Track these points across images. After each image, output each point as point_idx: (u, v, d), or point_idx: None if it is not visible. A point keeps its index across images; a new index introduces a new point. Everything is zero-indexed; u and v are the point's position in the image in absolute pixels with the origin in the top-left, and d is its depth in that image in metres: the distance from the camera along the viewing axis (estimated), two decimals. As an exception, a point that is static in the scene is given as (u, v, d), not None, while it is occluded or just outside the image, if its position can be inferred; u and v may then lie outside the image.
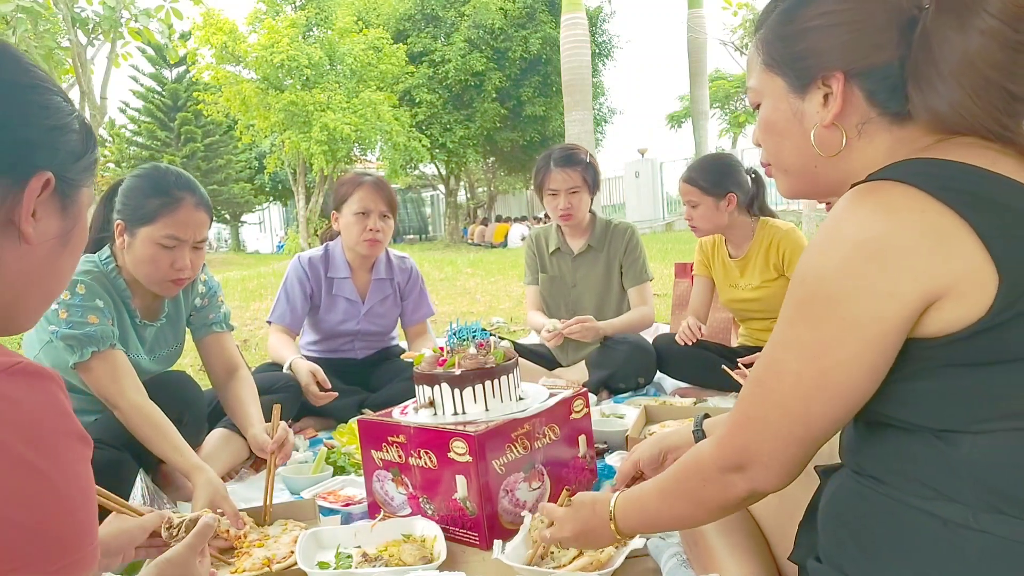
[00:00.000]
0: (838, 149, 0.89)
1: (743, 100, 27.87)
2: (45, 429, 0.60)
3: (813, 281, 0.80)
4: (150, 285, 1.94)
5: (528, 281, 3.28)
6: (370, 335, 2.89)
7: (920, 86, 0.82)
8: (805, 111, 0.91)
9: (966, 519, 0.75)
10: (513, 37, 19.56)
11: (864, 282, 0.76)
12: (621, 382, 2.82)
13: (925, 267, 0.74)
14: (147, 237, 1.86)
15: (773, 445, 0.86)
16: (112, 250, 1.97)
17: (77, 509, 0.61)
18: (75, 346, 1.80)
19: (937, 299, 0.74)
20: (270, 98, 16.70)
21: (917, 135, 0.85)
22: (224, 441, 2.16)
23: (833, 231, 0.79)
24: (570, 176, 2.93)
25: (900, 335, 0.77)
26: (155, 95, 26.26)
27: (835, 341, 0.78)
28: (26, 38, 7.56)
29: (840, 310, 0.77)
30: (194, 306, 2.18)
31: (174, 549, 1.06)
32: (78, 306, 1.83)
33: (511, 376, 1.71)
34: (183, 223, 1.87)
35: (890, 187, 0.78)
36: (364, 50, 17.70)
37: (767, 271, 2.73)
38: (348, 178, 2.80)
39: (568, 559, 1.38)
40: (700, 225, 2.77)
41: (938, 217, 0.74)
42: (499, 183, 25.70)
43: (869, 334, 0.77)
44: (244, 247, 31.41)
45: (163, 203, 1.86)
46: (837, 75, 0.86)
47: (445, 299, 7.24)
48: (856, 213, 0.78)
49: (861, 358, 0.78)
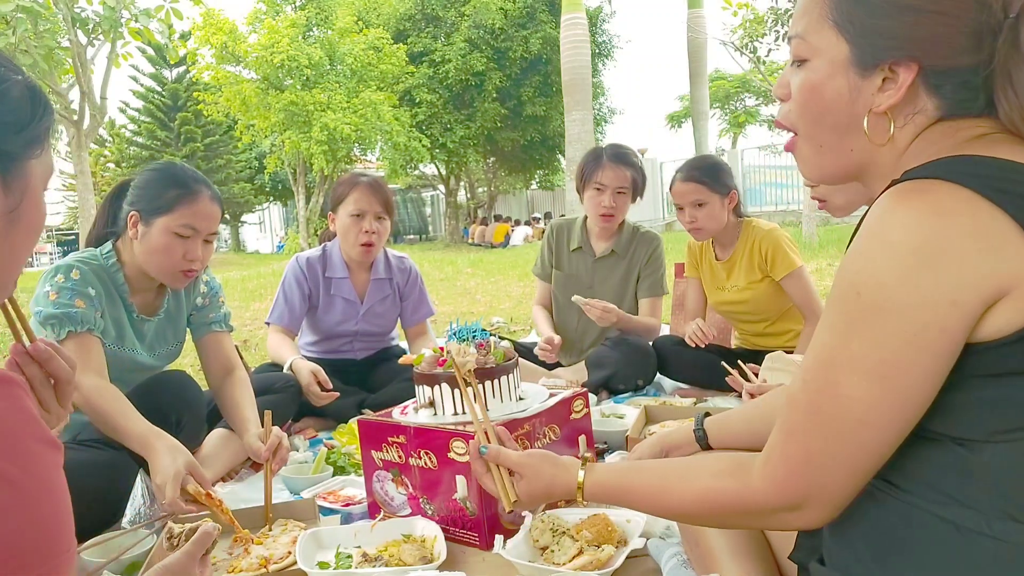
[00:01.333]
0: (885, 138, 0.83)
1: (743, 100, 27.88)
2: (14, 437, 0.57)
3: (869, 293, 0.73)
4: (160, 275, 1.97)
5: (536, 272, 3.22)
6: (369, 335, 2.88)
7: (1016, 90, 0.77)
8: (862, 90, 0.82)
9: (980, 526, 0.74)
10: (513, 37, 19.56)
11: (926, 291, 0.70)
12: (621, 383, 2.81)
13: (982, 270, 0.70)
14: (164, 226, 1.91)
15: (842, 482, 0.79)
16: (115, 246, 1.99)
17: (51, 517, 0.59)
18: (55, 325, 1.82)
19: (993, 303, 0.71)
20: (270, 98, 16.71)
21: (957, 129, 0.81)
22: (224, 441, 2.16)
23: (881, 236, 0.73)
24: (622, 175, 2.86)
25: (961, 344, 0.72)
26: (155, 95, 26.30)
27: (905, 358, 0.72)
28: (26, 38, 7.56)
29: (904, 323, 0.71)
30: (195, 305, 2.19)
31: (173, 556, 1.05)
32: (69, 289, 1.86)
33: (511, 376, 1.70)
34: (200, 214, 1.94)
35: (937, 187, 0.73)
36: (364, 50, 17.71)
37: (752, 272, 2.71)
38: (345, 178, 2.80)
39: (568, 558, 1.38)
40: (706, 226, 2.66)
41: (990, 219, 0.70)
42: (499, 183, 25.69)
43: (939, 347, 0.71)
44: (244, 247, 31.44)
45: (181, 194, 1.92)
46: (911, 65, 0.79)
47: (445, 299, 7.24)
48: (905, 216, 0.73)
49: (932, 373, 0.72)
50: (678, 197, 2.69)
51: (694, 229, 2.70)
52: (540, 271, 3.21)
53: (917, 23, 0.78)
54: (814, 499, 0.81)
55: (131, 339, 2.03)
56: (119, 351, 1.98)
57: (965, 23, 0.77)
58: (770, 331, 2.81)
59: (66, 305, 1.84)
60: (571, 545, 1.41)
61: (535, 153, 21.81)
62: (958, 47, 0.78)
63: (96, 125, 9.75)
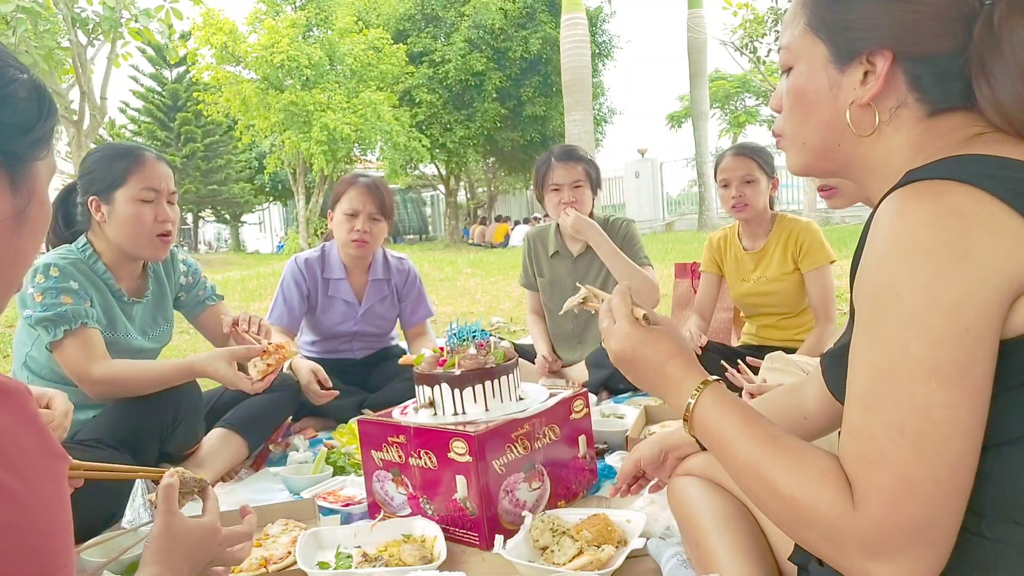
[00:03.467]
0: (871, 129, 0.84)
1: (743, 100, 27.89)
2: (17, 449, 0.57)
3: (913, 293, 0.70)
4: (138, 248, 2.02)
5: (523, 283, 3.27)
6: (368, 336, 2.88)
7: (988, 80, 0.78)
8: (842, 85, 0.85)
9: (979, 528, 0.74)
10: (513, 37, 19.55)
11: (968, 288, 0.69)
12: (621, 382, 2.81)
13: (1007, 269, 0.69)
14: (126, 197, 1.97)
15: (952, 511, 0.70)
16: (87, 238, 2.04)
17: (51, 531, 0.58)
18: (49, 327, 1.87)
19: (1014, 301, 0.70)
20: (270, 98, 16.70)
21: (952, 127, 0.82)
22: (223, 441, 2.16)
23: (908, 236, 0.71)
24: (573, 170, 2.89)
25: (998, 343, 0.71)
26: (155, 95, 26.30)
27: (968, 357, 0.69)
28: (26, 38, 7.56)
29: (955, 320, 0.68)
30: (180, 285, 2.27)
31: (153, 526, 1.05)
32: (52, 288, 1.90)
33: (511, 376, 1.71)
34: (154, 175, 2.00)
35: (951, 188, 0.72)
36: (364, 50, 17.70)
37: (785, 263, 2.71)
38: (346, 177, 2.82)
39: (567, 558, 1.38)
40: (753, 202, 2.67)
41: (1006, 218, 0.70)
42: (499, 183, 25.69)
43: (990, 344, 0.69)
44: (244, 247, 31.41)
45: (128, 162, 1.98)
46: (886, 54, 0.81)
47: (445, 299, 7.24)
48: (927, 216, 0.71)
49: (991, 373, 0.70)
50: (727, 172, 2.71)
51: (739, 206, 2.70)
52: (525, 282, 3.26)
53: (885, 11, 0.81)
54: (922, 539, 0.69)
55: (123, 324, 2.06)
56: (113, 337, 2.01)
57: (934, 9, 0.79)
58: (783, 324, 2.82)
59: (54, 305, 1.87)
60: (571, 545, 1.41)
61: (535, 153, 21.73)
62: (930, 33, 0.80)
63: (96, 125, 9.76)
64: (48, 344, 1.88)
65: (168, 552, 1.03)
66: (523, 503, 1.64)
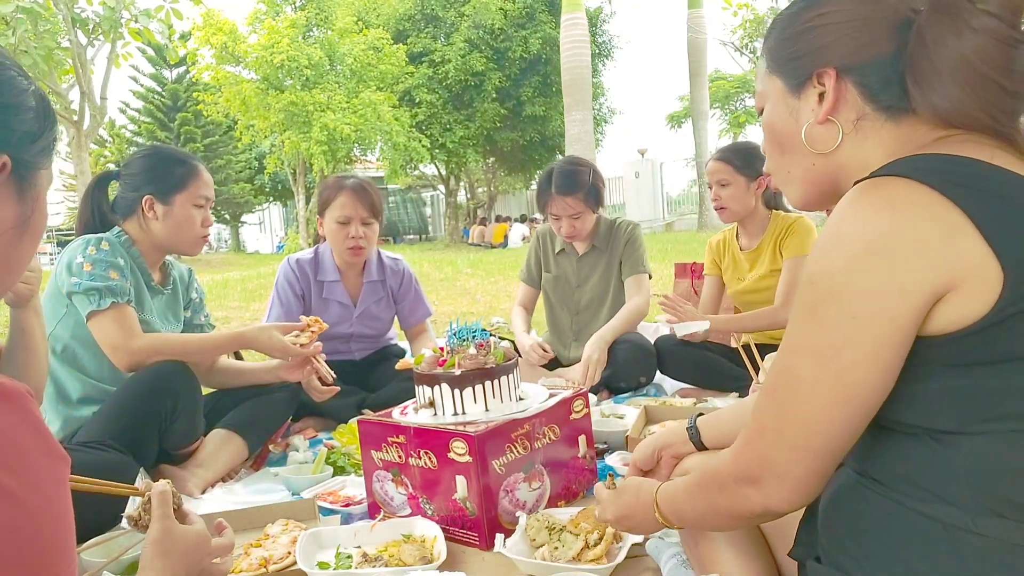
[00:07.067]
0: (832, 145, 0.90)
1: (743, 100, 27.87)
2: (18, 451, 0.57)
3: (821, 282, 0.79)
4: (185, 246, 2.19)
5: (523, 278, 3.28)
6: (365, 337, 2.88)
7: (919, 83, 0.84)
8: (800, 110, 0.93)
9: (965, 523, 0.75)
10: (513, 37, 19.55)
11: (873, 280, 0.75)
12: (622, 381, 2.82)
13: (932, 261, 0.73)
14: (185, 201, 2.14)
15: (789, 457, 0.83)
16: (122, 227, 2.15)
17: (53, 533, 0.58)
18: (95, 297, 1.95)
19: (944, 294, 0.74)
20: (270, 98, 16.71)
21: (918, 133, 0.86)
22: (224, 441, 2.16)
23: (837, 230, 0.78)
24: (571, 204, 2.90)
25: (911, 332, 0.76)
26: (155, 95, 26.31)
27: (848, 342, 0.77)
28: (26, 39, 7.57)
29: (850, 309, 0.76)
30: (190, 299, 2.37)
31: (151, 530, 1.06)
32: (102, 261, 2.00)
33: (511, 376, 1.71)
34: (207, 184, 2.20)
35: (892, 183, 0.78)
36: (364, 50, 17.71)
37: (775, 259, 2.73)
38: (331, 182, 2.78)
39: (575, 552, 1.39)
40: (729, 206, 2.71)
41: (942, 211, 0.74)
42: (499, 183, 25.68)
43: (882, 333, 0.76)
44: (244, 247, 31.43)
45: (187, 170, 2.16)
46: (829, 71, 0.89)
47: (445, 299, 7.24)
48: (859, 210, 0.78)
49: (876, 358, 0.77)
50: (708, 175, 2.79)
51: (718, 208, 2.77)
52: (526, 276, 3.27)
53: (821, 34, 0.89)
54: (767, 473, 0.85)
55: (149, 307, 2.16)
56: (140, 316, 2.09)
57: (863, 20, 0.87)
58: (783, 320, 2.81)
59: (103, 277, 1.98)
60: (573, 540, 1.41)
61: (535, 153, 21.80)
62: (862, 42, 0.87)
63: (96, 125, 9.76)
64: (88, 312, 1.95)
65: (168, 555, 1.04)
66: (523, 503, 1.64)
